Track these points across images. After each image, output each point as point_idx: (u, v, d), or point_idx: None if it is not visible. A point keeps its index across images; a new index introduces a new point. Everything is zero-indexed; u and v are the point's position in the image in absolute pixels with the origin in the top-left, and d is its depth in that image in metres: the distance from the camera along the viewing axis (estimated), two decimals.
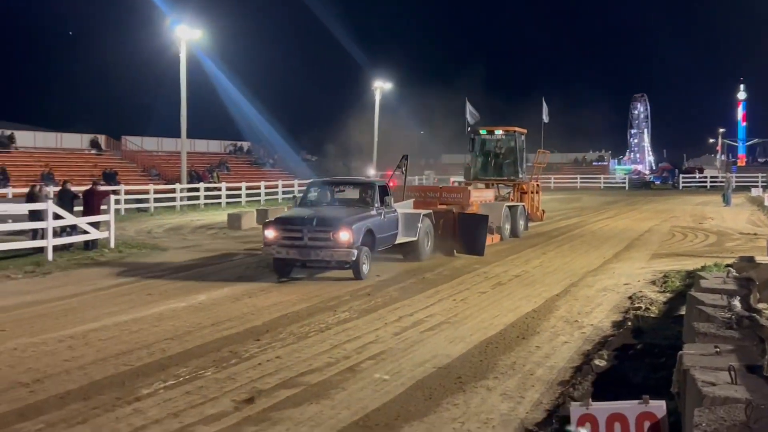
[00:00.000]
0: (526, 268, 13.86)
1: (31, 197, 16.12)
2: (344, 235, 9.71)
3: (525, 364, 6.97)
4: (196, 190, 31.63)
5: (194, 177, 34.38)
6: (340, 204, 11.88)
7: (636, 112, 70.73)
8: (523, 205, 16.82)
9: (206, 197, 31.96)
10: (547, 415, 5.28)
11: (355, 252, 9.85)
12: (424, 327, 8.76)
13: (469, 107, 21.39)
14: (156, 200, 29.38)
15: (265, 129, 40.49)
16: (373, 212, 11.04)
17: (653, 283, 11.58)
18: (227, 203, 32.93)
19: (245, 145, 48.74)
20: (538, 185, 19.55)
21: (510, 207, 16.12)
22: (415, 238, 12.09)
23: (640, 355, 6.86)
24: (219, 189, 32.98)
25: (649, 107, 71.24)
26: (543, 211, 19.62)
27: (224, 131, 44.28)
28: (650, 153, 70.69)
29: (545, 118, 23.43)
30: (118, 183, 29.56)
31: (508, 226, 15.67)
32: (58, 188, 17.30)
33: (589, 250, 16.71)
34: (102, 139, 40.30)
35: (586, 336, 8.14)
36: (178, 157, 32.56)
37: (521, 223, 16.55)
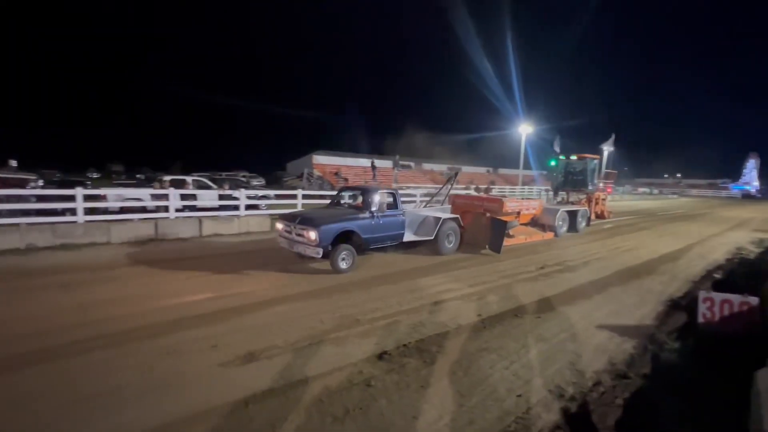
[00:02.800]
0: (677, 230, 14.72)
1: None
2: (312, 235, 6.94)
3: (673, 271, 7.90)
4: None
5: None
6: (344, 207, 8.65)
7: (748, 164, 69.54)
8: (585, 209, 13.65)
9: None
10: (683, 294, 6.23)
11: (320, 250, 6.89)
12: (621, 249, 10.14)
13: (557, 140, 20.04)
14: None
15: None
16: (364, 215, 7.63)
17: (752, 243, 11.85)
18: None
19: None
20: (605, 195, 16.50)
21: (569, 211, 12.72)
22: (431, 238, 8.63)
23: (742, 275, 7.26)
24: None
25: (759, 161, 69.56)
26: (610, 212, 16.67)
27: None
28: (755, 180, 70.57)
29: (610, 148, 21.45)
30: (494, 188, 33.11)
31: (564, 225, 12.40)
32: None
33: (714, 225, 16.94)
34: (490, 169, 50.39)
35: (708, 263, 8.73)
36: (518, 178, 37.01)
37: (583, 223, 13.32)
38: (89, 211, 9.73)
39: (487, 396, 3.32)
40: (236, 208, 11.97)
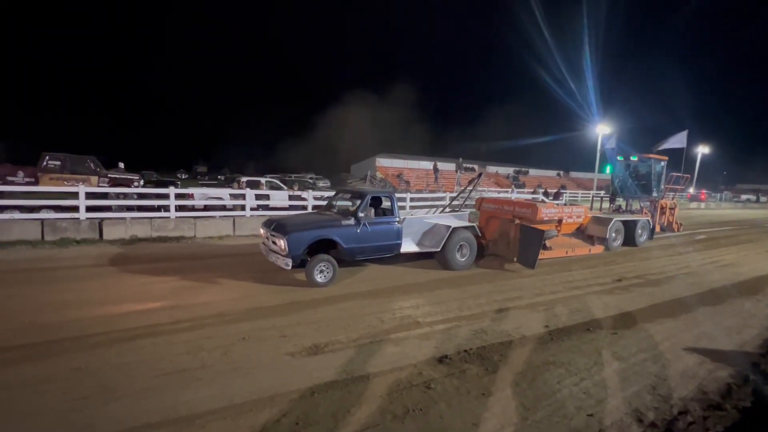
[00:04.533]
0: None
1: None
2: (281, 243, 5.96)
3: None
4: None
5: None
6: (331, 212, 7.27)
7: None
8: (646, 219, 11.58)
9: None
10: None
11: (289, 261, 5.90)
12: (718, 264, 9.07)
13: (612, 139, 18.05)
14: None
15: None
16: (348, 222, 6.48)
17: None
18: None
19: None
20: (674, 203, 13.76)
21: (625, 221, 10.84)
22: (437, 249, 7.32)
23: None
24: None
25: None
26: (679, 223, 13.97)
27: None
28: None
29: (681, 145, 17.29)
30: (565, 192, 32.53)
31: (618, 238, 10.61)
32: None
33: None
34: (561, 172, 51.77)
35: None
36: (592, 182, 37.73)
37: (644, 236, 11.39)
38: (179, 208, 10.87)
39: (553, 412, 3.16)
40: (304, 208, 12.65)
